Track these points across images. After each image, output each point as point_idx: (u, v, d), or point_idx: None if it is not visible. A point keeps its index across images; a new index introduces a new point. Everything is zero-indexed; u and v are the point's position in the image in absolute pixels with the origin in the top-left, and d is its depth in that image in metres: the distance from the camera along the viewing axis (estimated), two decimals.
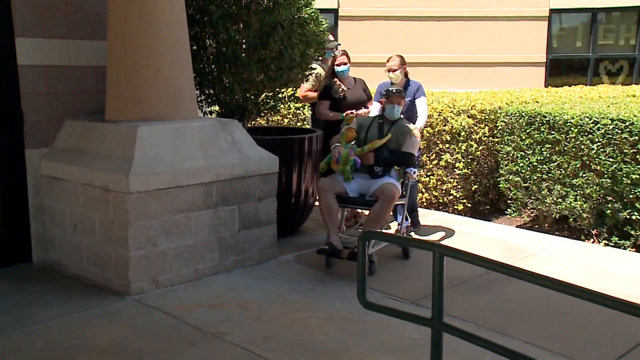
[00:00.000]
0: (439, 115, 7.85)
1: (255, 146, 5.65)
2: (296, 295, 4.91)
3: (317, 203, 5.70)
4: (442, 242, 6.26)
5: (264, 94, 6.67)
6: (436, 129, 7.83)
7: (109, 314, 4.55)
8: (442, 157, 7.83)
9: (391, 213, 5.88)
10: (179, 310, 4.62)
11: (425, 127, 7.90)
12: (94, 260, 5.13)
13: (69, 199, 5.28)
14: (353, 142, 5.65)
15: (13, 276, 5.29)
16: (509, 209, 7.61)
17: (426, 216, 7.49)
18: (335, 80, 6.83)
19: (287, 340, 4.14)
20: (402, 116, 5.86)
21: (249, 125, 6.96)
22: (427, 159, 7.94)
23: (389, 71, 6.57)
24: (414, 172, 5.69)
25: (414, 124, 6.20)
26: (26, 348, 4.03)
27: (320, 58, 7.34)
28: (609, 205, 6.51)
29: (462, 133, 7.69)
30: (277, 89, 6.71)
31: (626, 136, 6.28)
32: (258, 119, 8.44)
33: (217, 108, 6.75)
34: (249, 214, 5.52)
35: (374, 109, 6.60)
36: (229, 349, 4.01)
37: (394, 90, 5.71)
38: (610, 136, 6.38)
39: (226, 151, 5.37)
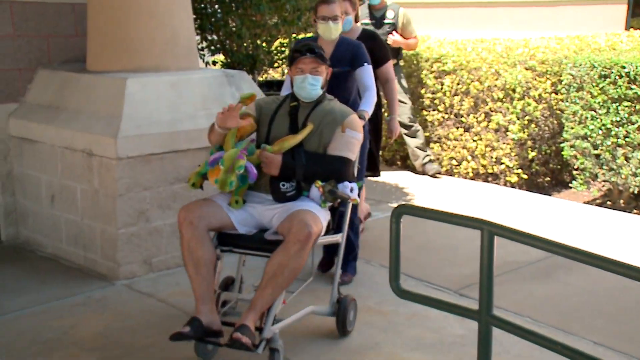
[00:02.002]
0: (489, 67, 7.79)
1: None
2: (318, 283, 4.94)
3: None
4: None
5: (277, 41, 6.64)
6: (486, 84, 7.78)
7: (93, 302, 4.60)
8: (492, 118, 7.78)
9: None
10: (176, 297, 4.66)
11: (471, 82, 7.85)
12: (75, 239, 5.18)
13: (44, 165, 5.33)
14: (250, 139, 4.13)
15: None
16: (574, 182, 7.56)
17: (471, 188, 7.49)
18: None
19: (306, 334, 4.20)
20: (328, 95, 4.22)
21: (260, 79, 6.95)
22: (475, 119, 7.91)
23: (323, 20, 4.84)
24: (352, 190, 3.94)
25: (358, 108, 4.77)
26: None
27: None
28: None
29: (518, 89, 7.62)
30: (294, 35, 6.67)
31: None
32: (271, 71, 8.44)
33: (222, 57, 6.75)
34: None
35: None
36: None
37: (306, 50, 4.01)
38: None
39: None
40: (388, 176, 8.02)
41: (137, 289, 4.78)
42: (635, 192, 7.04)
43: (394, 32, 7.42)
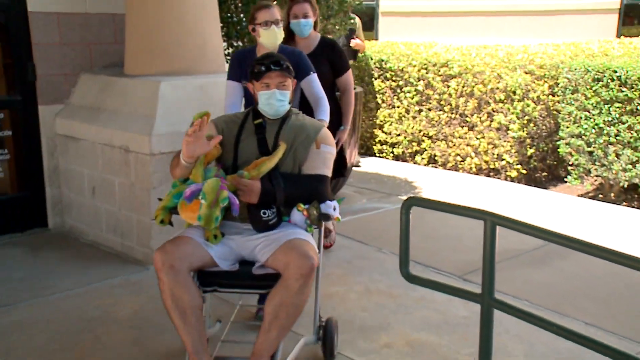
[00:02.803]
0: (492, 71, 7.76)
1: None
2: (331, 268, 4.95)
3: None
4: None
5: None
6: (489, 87, 7.75)
7: (130, 285, 4.63)
8: (494, 118, 7.76)
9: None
10: None
11: (475, 85, 7.82)
12: (113, 227, 5.22)
13: (86, 160, 5.35)
14: (216, 165, 3.38)
15: (28, 242, 5.40)
16: (569, 176, 7.52)
17: (474, 183, 7.47)
18: (292, 40, 4.83)
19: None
20: (293, 109, 3.56)
21: None
22: (479, 119, 7.88)
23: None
24: (335, 209, 3.37)
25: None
26: (44, 318, 4.12)
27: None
28: None
29: (518, 91, 7.59)
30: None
31: None
32: None
33: None
34: None
35: (234, 93, 4.26)
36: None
37: (271, 63, 3.32)
38: None
39: None
40: (398, 170, 8.01)
41: None
42: (625, 186, 7.02)
43: (354, 36, 7.53)
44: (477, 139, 7.95)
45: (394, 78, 8.60)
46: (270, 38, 4.07)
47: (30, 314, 4.18)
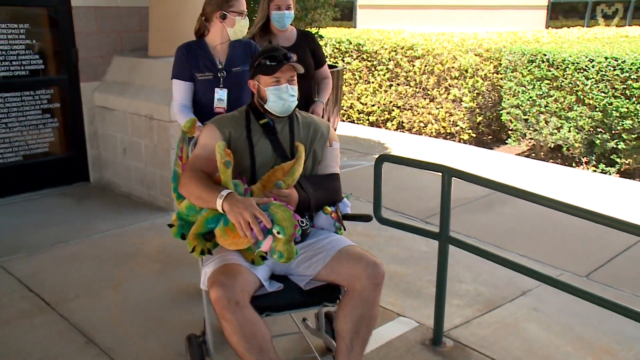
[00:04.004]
0: (448, 53, 7.65)
1: None
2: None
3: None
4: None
5: None
6: (446, 66, 7.65)
7: (155, 227, 4.58)
8: (450, 91, 7.67)
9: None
10: None
11: (435, 65, 7.73)
12: (141, 180, 5.14)
13: (118, 126, 5.26)
14: (239, 181, 2.35)
15: (74, 193, 5.34)
16: (509, 139, 7.48)
17: (434, 144, 7.41)
18: (269, 33, 3.70)
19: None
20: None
21: None
22: (438, 92, 7.79)
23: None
24: (348, 207, 2.65)
25: None
26: (89, 253, 4.12)
27: None
28: (599, 136, 6.39)
29: (469, 70, 7.49)
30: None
31: (618, 73, 6.11)
32: None
33: None
34: None
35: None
36: None
37: (283, 57, 2.42)
38: (604, 73, 6.21)
39: None
40: (372, 134, 7.94)
41: None
42: (552, 146, 6.98)
43: None
44: (437, 108, 7.86)
45: (369, 59, 8.47)
46: (243, 29, 3.18)
47: (79, 249, 4.18)
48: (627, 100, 6.09)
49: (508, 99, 7.21)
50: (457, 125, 7.71)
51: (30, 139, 5.30)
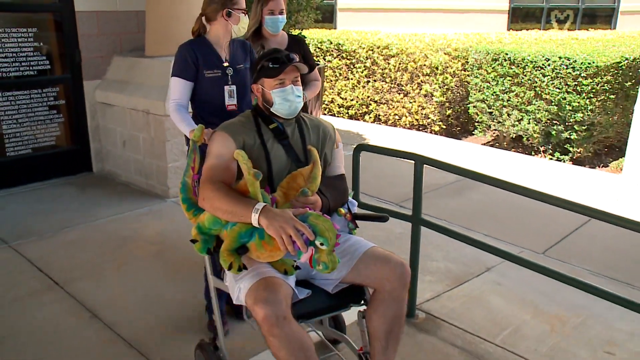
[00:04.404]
0: (420, 52, 7.64)
1: None
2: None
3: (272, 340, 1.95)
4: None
5: None
6: (418, 64, 7.64)
7: (153, 213, 4.56)
8: (422, 87, 7.67)
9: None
10: None
11: (408, 62, 7.73)
12: (140, 171, 5.10)
13: (118, 121, 5.20)
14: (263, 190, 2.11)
15: (78, 183, 5.29)
16: (475, 130, 7.51)
17: (408, 135, 7.43)
18: (261, 37, 3.35)
19: None
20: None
21: None
22: (411, 88, 7.79)
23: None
24: (355, 205, 2.48)
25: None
26: (91, 237, 4.09)
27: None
28: (554, 128, 6.46)
29: (440, 67, 7.50)
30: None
31: (570, 71, 6.17)
32: None
33: None
34: None
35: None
36: None
37: (286, 58, 2.20)
38: (558, 71, 6.26)
39: None
40: (351, 126, 7.93)
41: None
42: (513, 137, 7.02)
43: None
44: (410, 102, 7.87)
45: (348, 57, 8.45)
46: (245, 26, 2.96)
47: (82, 234, 4.15)
48: (578, 96, 6.15)
49: (474, 94, 7.23)
50: (429, 118, 7.73)
51: (38, 133, 5.25)
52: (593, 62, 6.06)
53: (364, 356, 2.31)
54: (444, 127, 7.78)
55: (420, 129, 7.90)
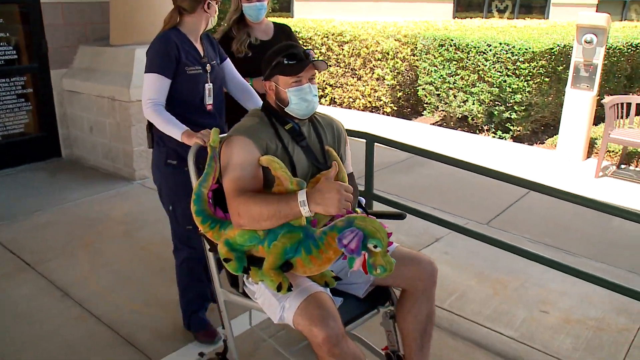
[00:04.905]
0: (372, 38, 7.60)
1: None
2: None
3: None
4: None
5: None
6: (370, 50, 7.60)
7: (120, 194, 4.45)
8: (375, 71, 7.64)
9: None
10: None
11: (361, 48, 7.68)
12: (106, 155, 4.95)
13: (85, 107, 5.02)
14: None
15: (48, 168, 5.12)
16: (425, 111, 7.54)
17: (361, 116, 7.41)
18: (246, 25, 2.92)
19: None
20: None
21: None
22: (364, 72, 7.75)
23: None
24: (364, 201, 2.25)
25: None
26: (62, 219, 3.97)
27: None
28: (496, 108, 6.51)
29: (390, 53, 7.47)
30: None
31: (509, 56, 6.21)
32: None
33: None
34: None
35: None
36: None
37: (304, 54, 1.89)
38: (499, 56, 6.30)
39: None
40: None
41: (147, 186, 4.60)
42: (459, 117, 7.08)
43: None
44: (363, 86, 7.83)
45: (304, 44, 8.33)
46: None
47: (53, 216, 4.02)
48: (517, 79, 6.22)
49: (423, 77, 7.24)
50: (381, 100, 7.72)
51: (7, 121, 5.04)
52: (529, 48, 6.12)
53: (393, 355, 2.14)
54: (395, 108, 7.78)
55: (373, 110, 7.89)
